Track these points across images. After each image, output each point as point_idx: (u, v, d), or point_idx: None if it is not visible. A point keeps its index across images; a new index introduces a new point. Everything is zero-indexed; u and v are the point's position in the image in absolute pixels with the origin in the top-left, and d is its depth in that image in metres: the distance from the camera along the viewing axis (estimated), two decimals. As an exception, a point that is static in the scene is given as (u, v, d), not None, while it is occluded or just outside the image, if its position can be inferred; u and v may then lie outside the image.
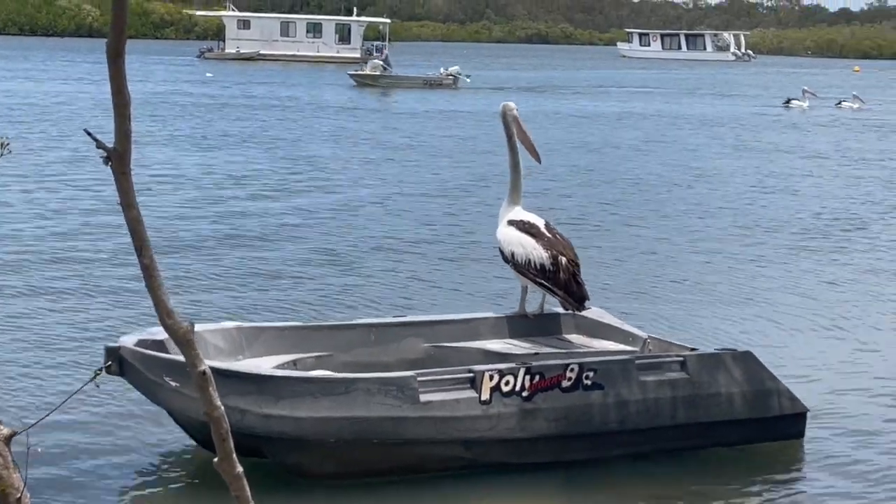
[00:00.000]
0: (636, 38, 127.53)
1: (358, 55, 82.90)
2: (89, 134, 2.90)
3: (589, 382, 7.20)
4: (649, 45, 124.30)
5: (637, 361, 7.43)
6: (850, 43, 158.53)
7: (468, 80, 51.05)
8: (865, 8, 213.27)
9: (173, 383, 6.76)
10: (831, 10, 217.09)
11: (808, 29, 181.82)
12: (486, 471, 7.14)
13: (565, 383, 7.16)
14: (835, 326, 11.34)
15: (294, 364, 7.79)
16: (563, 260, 8.15)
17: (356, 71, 53.86)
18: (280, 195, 19.27)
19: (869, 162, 27.37)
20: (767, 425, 7.72)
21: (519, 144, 8.61)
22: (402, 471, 7.05)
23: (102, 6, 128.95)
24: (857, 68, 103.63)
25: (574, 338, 8.46)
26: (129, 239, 2.79)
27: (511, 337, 8.40)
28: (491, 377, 7.02)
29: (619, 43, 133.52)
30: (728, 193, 20.99)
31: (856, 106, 46.01)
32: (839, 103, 47.04)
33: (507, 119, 8.51)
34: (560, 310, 8.50)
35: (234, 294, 12.07)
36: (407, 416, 6.85)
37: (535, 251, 8.18)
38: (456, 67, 52.51)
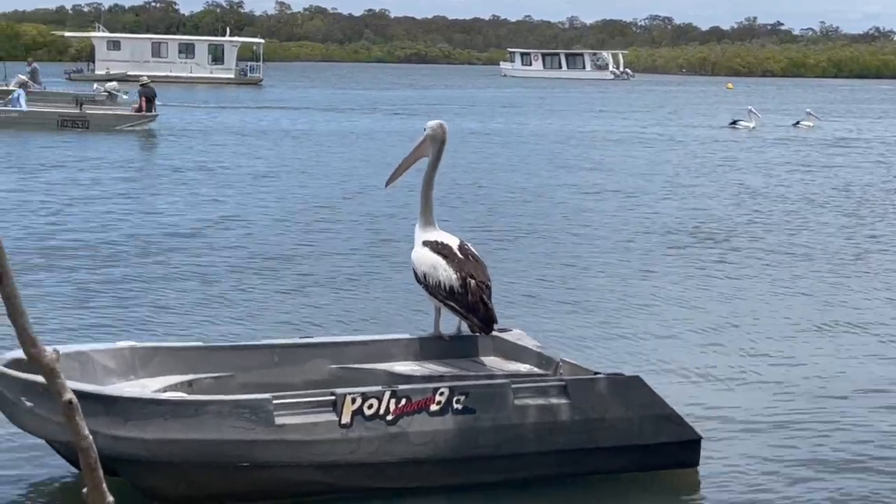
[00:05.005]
0: (518, 58, 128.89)
1: (232, 76, 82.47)
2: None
3: (460, 406, 7.06)
4: (531, 64, 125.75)
5: (514, 385, 7.26)
6: (721, 61, 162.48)
7: (126, 96, 49.94)
8: (735, 27, 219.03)
9: (28, 403, 6.62)
10: (703, 28, 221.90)
11: (680, 47, 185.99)
12: (356, 496, 7.03)
13: (434, 407, 7.01)
14: (739, 349, 11.18)
15: (189, 385, 7.62)
16: (472, 282, 8.04)
17: None
18: (183, 209, 19.06)
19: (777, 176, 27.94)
20: (657, 452, 7.54)
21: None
22: (260, 495, 6.89)
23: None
24: (730, 85, 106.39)
25: (489, 360, 8.32)
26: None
27: (423, 359, 8.25)
28: (353, 400, 6.87)
29: (501, 63, 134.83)
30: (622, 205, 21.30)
31: (811, 124, 46.52)
32: (797, 123, 47.33)
33: (441, 138, 8.37)
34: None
35: (131, 313, 11.90)
36: (259, 440, 6.70)
37: (444, 272, 8.07)
38: (113, 84, 51.14)
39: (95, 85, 50.00)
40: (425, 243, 8.29)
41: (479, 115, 50.18)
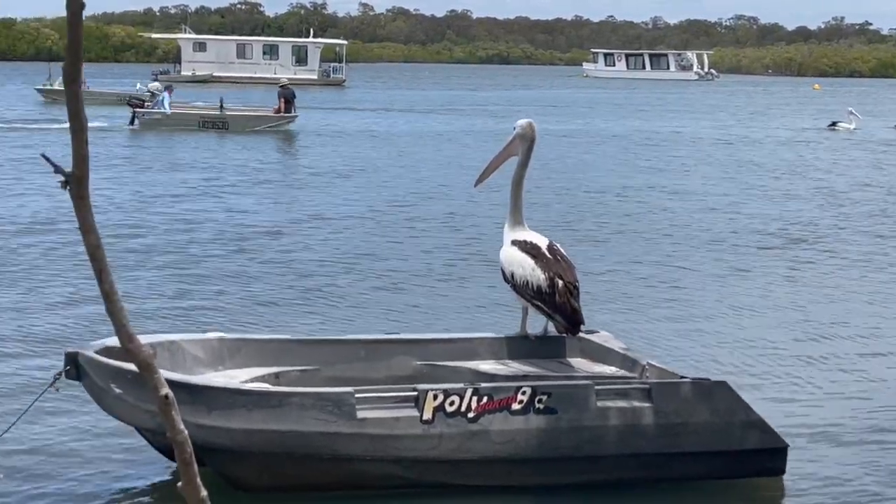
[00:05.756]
0: (601, 58, 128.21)
1: (315, 77, 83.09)
2: (46, 159, 2.88)
3: (541, 406, 7.05)
4: (614, 64, 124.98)
5: (596, 387, 7.22)
6: (808, 61, 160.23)
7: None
8: (822, 26, 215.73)
9: (117, 390, 6.76)
10: (789, 28, 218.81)
11: (766, 48, 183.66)
12: (434, 491, 7.05)
13: (515, 406, 7.01)
14: (830, 355, 10.95)
15: (276, 377, 7.73)
16: (560, 283, 8.01)
17: (44, 86, 51.64)
18: (269, 209, 19.37)
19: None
20: (742, 459, 7.41)
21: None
22: (341, 487, 6.97)
23: (61, 30, 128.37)
24: (816, 86, 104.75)
25: (576, 362, 8.27)
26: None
27: (509, 358, 8.23)
28: (435, 396, 6.91)
29: (584, 63, 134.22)
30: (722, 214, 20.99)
31: (851, 126, 45.14)
32: (833, 124, 45.38)
33: (531, 137, 8.37)
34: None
35: (225, 306, 12.18)
36: (341, 432, 6.78)
37: (532, 272, 8.05)
38: (156, 84, 51.37)
39: (138, 84, 50.60)
40: (514, 243, 8.27)
41: (561, 116, 49.97)
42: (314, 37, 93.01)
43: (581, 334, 8.24)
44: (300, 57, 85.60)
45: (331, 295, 12.93)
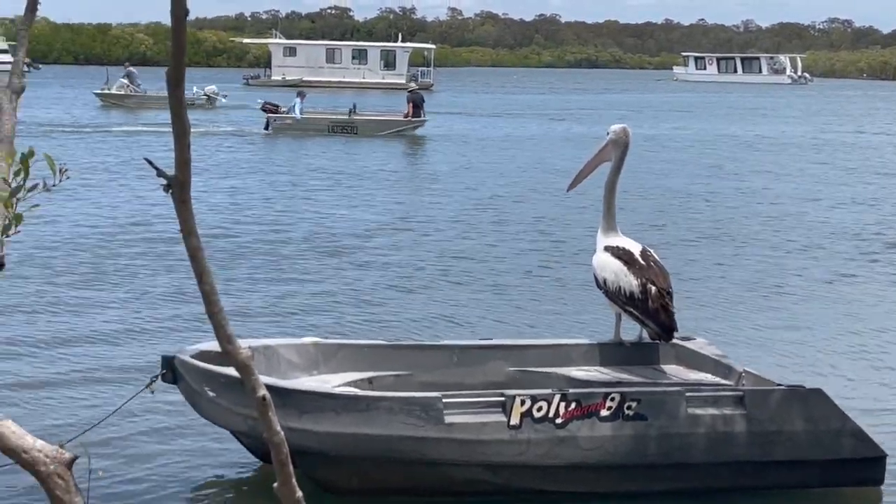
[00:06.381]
0: (692, 62, 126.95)
1: (403, 81, 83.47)
2: (150, 162, 2.93)
3: (630, 413, 7.03)
4: (705, 68, 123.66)
5: (687, 394, 7.18)
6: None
7: (224, 99, 50.08)
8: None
9: (211, 393, 6.88)
10: (884, 31, 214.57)
11: (861, 51, 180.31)
12: (523, 497, 7.06)
13: (604, 412, 7.00)
14: None
15: (370, 382, 7.82)
16: (653, 289, 7.98)
17: (101, 90, 52.01)
18: (374, 214, 19.59)
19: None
20: (838, 468, 7.30)
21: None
22: (429, 491, 7.02)
23: (155, 35, 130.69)
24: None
25: (670, 368, 8.23)
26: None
27: (602, 365, 8.23)
28: (522, 402, 6.93)
29: (674, 67, 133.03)
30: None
31: None
32: None
33: (624, 142, 8.37)
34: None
35: (320, 310, 12.34)
36: (429, 437, 6.82)
37: (625, 278, 8.04)
38: (213, 87, 51.48)
39: (195, 88, 51.31)
40: (607, 248, 8.24)
41: (650, 120, 49.56)
42: (402, 41, 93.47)
43: (676, 340, 8.19)
44: (388, 61, 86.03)
45: (425, 298, 13.02)
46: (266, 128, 37.16)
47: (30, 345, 10.48)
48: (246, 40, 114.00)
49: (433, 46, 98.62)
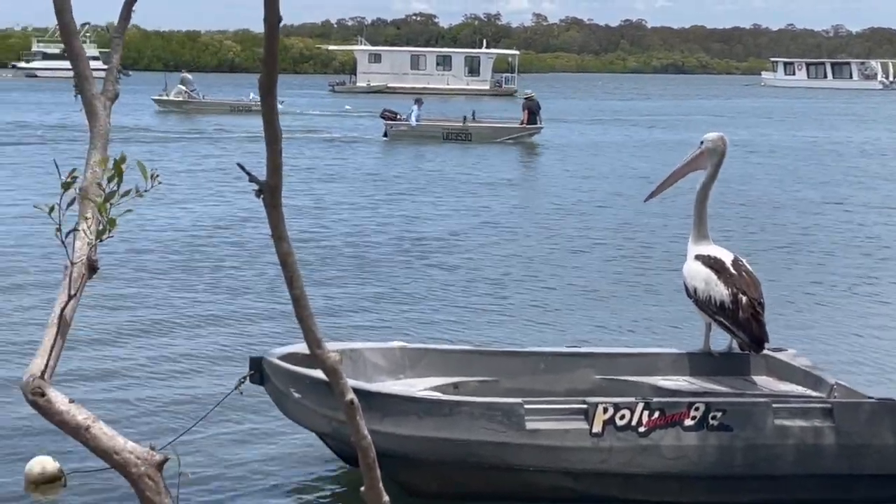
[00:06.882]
0: (780, 67, 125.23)
1: (487, 87, 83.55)
2: (242, 168, 2.97)
3: (715, 423, 6.94)
4: (794, 73, 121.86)
5: (774, 405, 7.07)
6: None
7: (281, 105, 49.83)
8: None
9: (296, 395, 6.95)
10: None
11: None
12: None
13: (688, 422, 6.92)
14: None
15: (455, 387, 7.84)
16: (744, 299, 7.87)
17: (159, 96, 52.43)
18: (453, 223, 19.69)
19: None
20: None
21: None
22: (510, 497, 7.00)
23: (243, 42, 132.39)
24: None
25: (761, 380, 8.12)
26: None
27: (691, 375, 8.15)
28: (605, 410, 6.88)
29: (762, 72, 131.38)
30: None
31: None
32: None
33: (721, 151, 8.27)
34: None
35: (407, 314, 12.41)
36: (511, 443, 6.81)
37: (716, 288, 7.94)
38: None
39: (252, 94, 51.74)
40: (698, 257, 8.16)
41: (738, 127, 48.92)
42: (487, 47, 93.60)
43: (766, 351, 8.07)
44: (472, 67, 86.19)
45: (513, 304, 13.02)
46: (384, 135, 37.91)
47: (121, 347, 10.66)
48: (332, 47, 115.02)
49: (517, 52, 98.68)
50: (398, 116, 38.34)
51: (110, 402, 8.84)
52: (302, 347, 7.22)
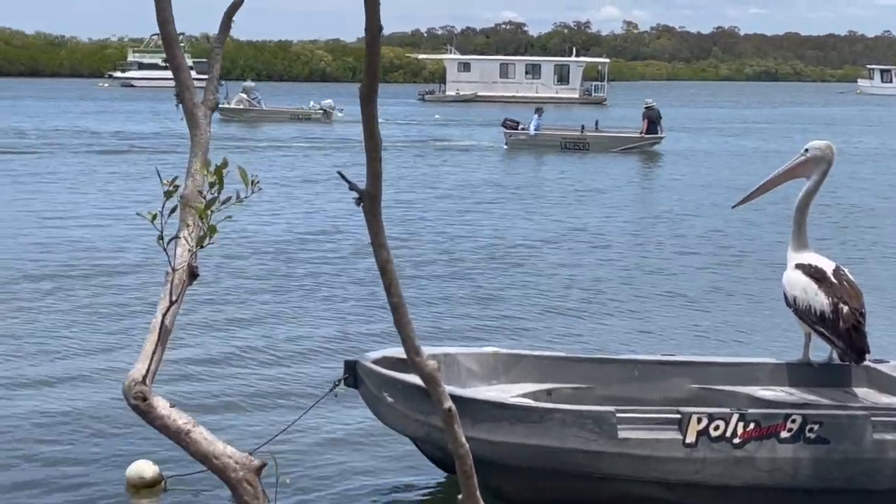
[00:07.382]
0: (877, 74, 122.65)
1: (576, 95, 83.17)
2: (342, 176, 2.98)
3: (812, 436, 6.81)
4: (891, 81, 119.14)
5: (873, 418, 6.90)
6: None
7: (341, 113, 49.59)
8: None
9: (389, 399, 6.98)
10: None
11: None
12: None
13: (784, 434, 6.80)
14: None
15: (549, 394, 7.80)
16: (845, 308, 7.70)
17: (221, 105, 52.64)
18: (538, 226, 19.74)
19: None
20: None
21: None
22: None
23: (334, 52, 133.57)
24: None
25: (862, 392, 7.95)
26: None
27: (789, 385, 8.01)
28: (699, 420, 6.78)
29: (858, 80, 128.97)
30: None
31: None
32: None
33: (829, 160, 8.09)
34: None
35: (497, 320, 12.44)
36: (603, 451, 6.75)
37: (816, 297, 7.79)
38: (329, 101, 51.05)
39: (312, 102, 51.77)
40: (798, 266, 8.02)
41: (834, 135, 48.04)
42: (577, 56, 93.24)
43: (867, 363, 7.90)
44: (562, 76, 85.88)
45: (607, 311, 12.98)
46: (505, 143, 38.47)
47: (221, 351, 10.81)
48: (421, 56, 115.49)
49: (607, 60, 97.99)
50: (519, 126, 38.62)
51: (209, 407, 8.96)
52: (395, 351, 7.27)
